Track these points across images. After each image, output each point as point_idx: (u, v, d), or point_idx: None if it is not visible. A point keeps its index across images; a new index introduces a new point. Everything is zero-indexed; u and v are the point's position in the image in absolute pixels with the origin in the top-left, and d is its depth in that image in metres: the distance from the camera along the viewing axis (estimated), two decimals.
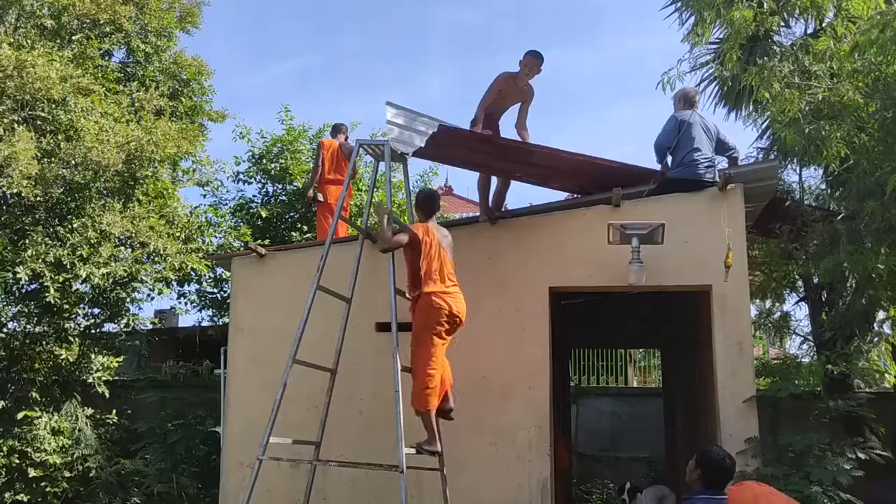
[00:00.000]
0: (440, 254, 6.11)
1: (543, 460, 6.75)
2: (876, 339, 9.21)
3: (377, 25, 52.32)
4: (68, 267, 9.35)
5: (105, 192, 10.19)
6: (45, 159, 9.54)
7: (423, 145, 6.32)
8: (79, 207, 9.92)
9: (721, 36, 9.33)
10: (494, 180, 7.56)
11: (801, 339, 10.43)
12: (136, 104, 10.88)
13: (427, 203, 6.45)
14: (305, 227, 12.52)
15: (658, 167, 7.43)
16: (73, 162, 9.68)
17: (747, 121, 10.69)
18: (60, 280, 9.37)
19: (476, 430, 6.81)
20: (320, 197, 9.46)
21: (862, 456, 6.22)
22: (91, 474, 9.70)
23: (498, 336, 6.96)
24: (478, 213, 7.87)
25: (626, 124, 55.35)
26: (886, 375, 11.18)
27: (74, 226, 9.62)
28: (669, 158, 7.48)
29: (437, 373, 5.94)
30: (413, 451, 5.85)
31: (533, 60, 7.21)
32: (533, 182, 7.82)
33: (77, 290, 10.05)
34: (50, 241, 9.55)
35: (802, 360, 10.43)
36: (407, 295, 6.32)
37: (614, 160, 7.28)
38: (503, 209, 7.67)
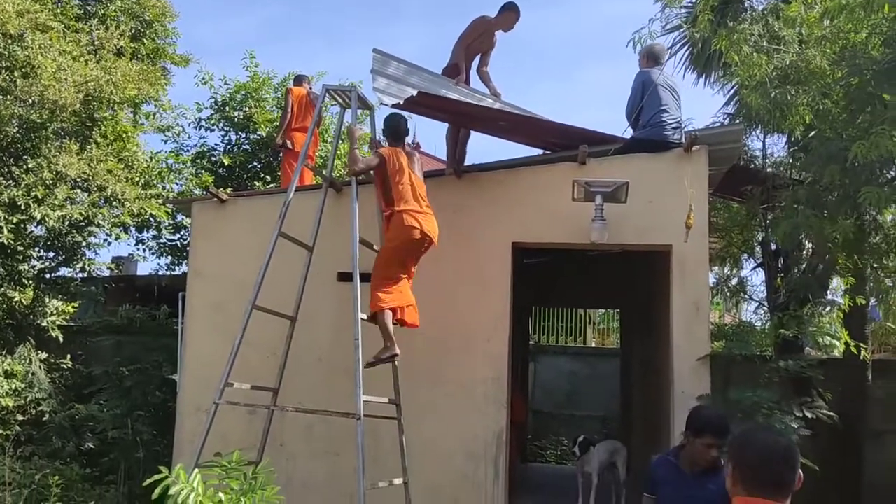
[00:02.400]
0: (410, 176, 6.18)
1: (500, 412, 6.82)
2: (829, 307, 9.42)
3: None
4: (22, 208, 9.13)
5: (62, 132, 9.91)
6: (0, 96, 9.25)
7: (412, 94, 6.29)
8: (34, 147, 9.64)
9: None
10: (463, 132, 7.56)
11: (757, 304, 10.64)
12: (96, 43, 10.55)
13: (394, 128, 6.45)
14: (269, 178, 12.34)
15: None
16: (29, 100, 9.39)
17: (716, 86, 10.79)
18: (14, 221, 9.16)
19: (434, 381, 6.87)
20: (288, 144, 9.35)
21: (809, 415, 6.37)
22: (44, 418, 9.60)
23: (459, 289, 6.98)
24: (443, 168, 7.85)
25: (596, 87, 55.33)
26: (836, 343, 11.47)
27: (30, 166, 9.36)
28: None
29: (395, 284, 6.05)
30: (370, 399, 5.87)
31: (512, 14, 7.45)
32: (505, 137, 7.87)
33: (32, 232, 9.84)
34: (4, 181, 9.29)
35: (756, 324, 10.66)
36: (381, 214, 6.41)
37: (587, 128, 7.43)
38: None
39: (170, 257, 12.34)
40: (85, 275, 10.92)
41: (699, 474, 3.76)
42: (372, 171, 6.30)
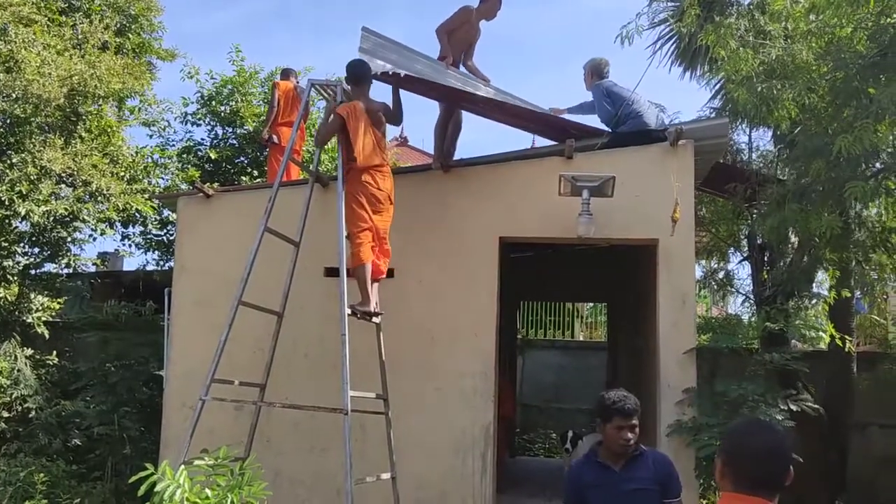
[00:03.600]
0: (371, 132, 6.26)
1: (487, 406, 6.83)
2: (814, 300, 9.49)
3: None
4: (7, 203, 9.06)
5: (46, 127, 9.82)
6: None
7: (397, 71, 6.30)
8: (18, 142, 9.56)
9: None
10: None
11: (743, 297, 10.70)
12: (80, 37, 10.46)
13: (355, 73, 6.43)
14: (256, 172, 12.29)
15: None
16: (13, 95, 9.31)
17: (702, 80, 10.81)
18: None
19: (422, 375, 6.86)
20: (275, 138, 9.30)
21: (794, 407, 6.41)
22: (30, 415, 9.54)
23: (446, 283, 6.97)
24: (430, 162, 7.84)
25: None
26: (822, 335, 11.57)
27: (14, 161, 9.29)
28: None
29: (367, 233, 6.13)
30: (357, 394, 5.86)
31: (496, 1, 7.42)
32: (494, 118, 7.89)
33: (16, 227, 9.76)
34: None
35: (743, 317, 10.72)
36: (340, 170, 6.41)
37: (571, 120, 7.50)
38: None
39: (157, 253, 12.26)
40: (70, 270, 10.85)
41: (625, 466, 3.70)
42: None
